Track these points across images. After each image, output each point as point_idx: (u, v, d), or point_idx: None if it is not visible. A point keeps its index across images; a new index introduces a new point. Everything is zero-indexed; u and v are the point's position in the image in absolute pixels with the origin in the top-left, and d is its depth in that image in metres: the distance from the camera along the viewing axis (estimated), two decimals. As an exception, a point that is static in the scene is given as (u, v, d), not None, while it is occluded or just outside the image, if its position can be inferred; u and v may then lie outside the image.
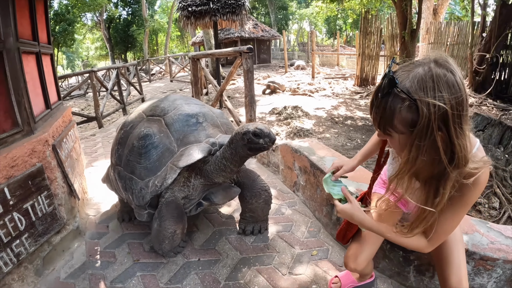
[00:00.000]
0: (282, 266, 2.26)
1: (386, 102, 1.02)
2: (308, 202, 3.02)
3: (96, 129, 7.66)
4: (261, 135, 1.97)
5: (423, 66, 0.99)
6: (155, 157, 2.28)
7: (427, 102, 0.94)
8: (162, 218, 2.22)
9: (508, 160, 4.16)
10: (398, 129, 1.04)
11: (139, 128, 2.42)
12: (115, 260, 2.38)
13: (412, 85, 0.97)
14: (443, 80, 0.95)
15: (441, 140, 0.98)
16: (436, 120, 0.95)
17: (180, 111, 2.47)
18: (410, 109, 0.98)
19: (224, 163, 2.20)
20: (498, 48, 8.98)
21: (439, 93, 0.95)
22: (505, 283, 1.84)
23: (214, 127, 2.52)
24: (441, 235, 1.22)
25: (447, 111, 0.94)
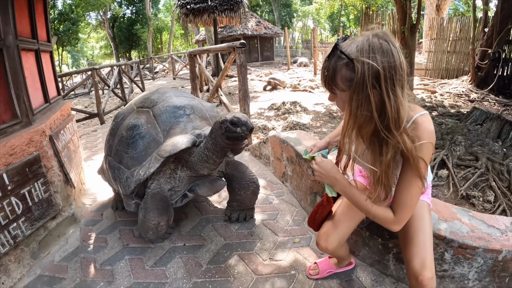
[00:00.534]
0: (264, 252, 2.38)
1: (330, 62, 1.21)
2: (295, 191, 3.15)
3: (98, 126, 7.83)
4: (238, 123, 2.01)
5: (364, 36, 1.18)
6: (142, 147, 2.34)
7: (362, 61, 1.12)
8: (146, 209, 2.28)
9: (506, 154, 4.23)
10: (340, 87, 1.22)
11: (129, 119, 2.50)
12: (106, 245, 2.53)
13: (352, 49, 1.15)
14: (377, 46, 1.13)
15: (375, 96, 1.15)
16: (369, 77, 1.12)
17: (168, 103, 2.53)
18: (347, 67, 1.16)
19: (206, 154, 2.25)
20: (500, 43, 8.99)
21: (373, 55, 1.12)
22: (487, 273, 1.81)
23: (202, 120, 2.56)
24: (403, 207, 1.30)
25: (379, 70, 1.11)
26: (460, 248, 1.78)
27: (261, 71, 17.30)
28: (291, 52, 22.26)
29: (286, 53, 19.98)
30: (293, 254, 2.35)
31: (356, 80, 1.14)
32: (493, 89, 9.00)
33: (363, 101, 1.16)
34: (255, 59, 25.26)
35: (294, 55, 28.73)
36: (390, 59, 1.12)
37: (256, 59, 25.40)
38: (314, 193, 2.72)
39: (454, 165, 4.15)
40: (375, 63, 1.11)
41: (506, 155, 4.19)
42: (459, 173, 4.01)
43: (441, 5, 16.15)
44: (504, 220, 1.92)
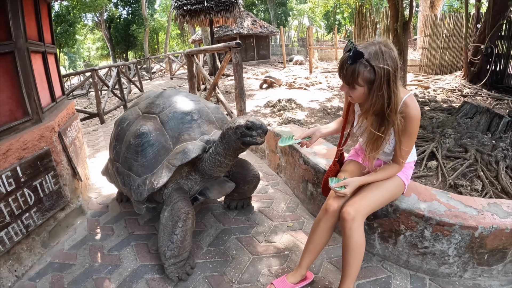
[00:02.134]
0: (260, 235, 2.59)
1: (354, 67, 1.59)
2: (289, 181, 3.35)
3: (98, 125, 7.99)
4: (253, 127, 2.00)
5: (375, 45, 1.59)
6: (151, 154, 2.34)
7: (380, 67, 1.55)
8: (173, 200, 2.24)
9: (494, 145, 4.31)
10: (360, 84, 1.63)
11: (135, 126, 2.48)
12: (112, 233, 2.71)
13: (370, 57, 1.56)
14: (387, 54, 1.57)
15: (386, 91, 1.59)
16: (384, 77, 1.57)
17: (175, 109, 2.52)
18: (369, 71, 1.58)
19: (218, 159, 2.24)
20: (493, 38, 9.05)
21: (386, 61, 1.56)
22: (466, 249, 1.97)
23: (209, 124, 2.55)
24: (403, 155, 1.81)
25: (390, 72, 1.56)
26: (438, 225, 1.96)
27: (257, 70, 17.44)
28: (287, 50, 22.43)
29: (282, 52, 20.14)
30: (287, 237, 2.55)
31: (378, 81, 1.57)
32: (486, 84, 9.12)
33: (380, 95, 1.60)
34: (251, 58, 25.37)
35: (290, 53, 28.84)
36: (395, 63, 1.60)
37: (252, 58, 25.52)
38: (305, 181, 2.92)
39: (443, 157, 4.29)
40: (388, 67, 1.56)
41: (495, 147, 4.27)
42: (448, 164, 4.15)
43: (435, 2, 16.33)
44: (481, 201, 2.09)
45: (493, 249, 1.97)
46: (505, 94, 8.47)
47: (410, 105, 1.70)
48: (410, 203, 2.07)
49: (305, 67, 18.02)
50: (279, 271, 2.20)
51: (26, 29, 2.60)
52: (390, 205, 2.10)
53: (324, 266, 2.24)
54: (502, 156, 4.04)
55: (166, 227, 2.16)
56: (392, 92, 1.60)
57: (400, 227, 2.10)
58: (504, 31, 9.20)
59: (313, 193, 2.82)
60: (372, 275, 2.14)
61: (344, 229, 1.76)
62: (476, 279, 2.06)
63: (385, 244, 2.22)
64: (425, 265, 2.11)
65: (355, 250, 1.75)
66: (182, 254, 2.16)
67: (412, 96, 1.73)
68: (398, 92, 1.62)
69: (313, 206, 2.84)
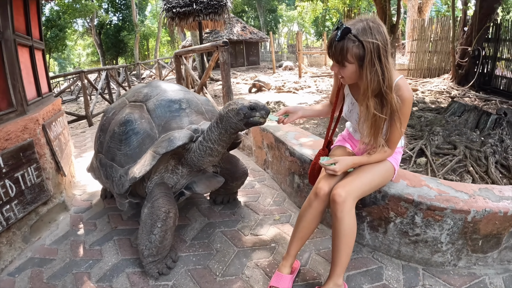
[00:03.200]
0: (245, 229, 2.54)
1: (343, 44, 1.56)
2: (276, 176, 3.32)
3: (86, 128, 7.90)
4: (256, 108, 1.93)
5: (362, 22, 1.56)
6: (136, 143, 2.23)
7: (368, 41, 1.53)
8: (154, 197, 2.11)
9: (483, 142, 4.35)
10: (350, 60, 1.59)
11: (121, 114, 2.38)
12: (95, 229, 2.64)
13: (358, 32, 1.54)
14: (375, 29, 1.54)
15: (380, 66, 1.56)
16: (374, 52, 1.54)
17: (163, 97, 2.41)
18: (358, 47, 1.55)
19: (210, 147, 2.12)
20: (480, 41, 9.22)
21: (374, 36, 1.53)
22: (459, 235, 1.92)
23: (198, 114, 2.45)
24: (395, 138, 1.79)
25: (379, 45, 1.53)
26: (429, 210, 1.91)
27: (247, 75, 17.51)
28: (276, 57, 22.60)
29: (271, 58, 20.26)
30: (273, 230, 2.51)
31: (367, 56, 1.55)
32: (474, 85, 9.26)
33: (374, 71, 1.57)
34: (241, 63, 25.48)
35: (279, 59, 29.04)
36: (384, 37, 1.56)
37: (242, 64, 25.64)
38: (292, 173, 2.89)
39: (432, 154, 4.31)
40: (377, 41, 1.53)
41: (483, 143, 4.31)
42: (437, 160, 4.17)
43: (423, 7, 16.61)
44: (472, 187, 2.06)
45: (487, 235, 1.92)
46: (492, 95, 8.61)
47: (403, 87, 1.68)
48: (399, 189, 2.03)
49: (294, 72, 18.15)
50: (265, 263, 2.15)
51: (14, 22, 2.57)
52: (379, 191, 2.06)
53: (312, 258, 2.20)
54: (491, 152, 4.08)
55: (145, 225, 2.06)
56: (385, 67, 1.57)
57: (389, 214, 2.06)
58: (491, 33, 9.38)
59: (300, 185, 2.78)
60: (363, 266, 2.10)
61: (335, 212, 1.71)
62: (471, 267, 2.02)
63: (375, 233, 2.18)
64: (417, 254, 2.06)
65: (347, 235, 1.70)
66: (161, 253, 2.09)
67: (403, 78, 1.72)
68: (390, 67, 1.60)
69: (300, 199, 2.81)
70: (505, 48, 9.26)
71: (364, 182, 1.80)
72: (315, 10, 15.57)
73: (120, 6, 35.85)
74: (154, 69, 21.95)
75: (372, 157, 1.84)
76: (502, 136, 4.45)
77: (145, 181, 2.30)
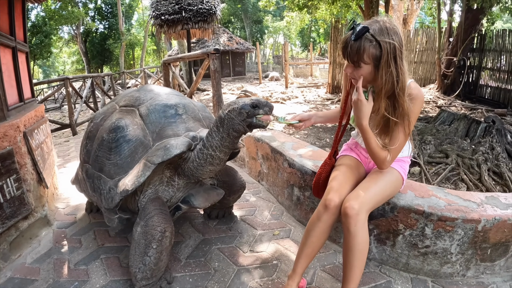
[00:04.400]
0: (244, 245, 2.38)
1: (360, 43, 1.51)
2: (272, 188, 3.18)
3: (70, 137, 7.65)
4: (259, 105, 1.76)
5: (378, 22, 1.54)
6: (127, 152, 2.04)
7: (385, 41, 1.50)
8: (148, 214, 1.91)
9: (474, 150, 4.39)
10: (366, 61, 1.55)
11: (110, 120, 2.20)
12: (80, 246, 2.44)
13: (375, 32, 1.50)
14: (392, 30, 1.52)
15: (394, 67, 1.52)
16: (391, 53, 1.51)
17: (157, 101, 2.23)
18: (375, 47, 1.51)
19: (211, 154, 1.93)
20: (465, 51, 9.42)
21: (391, 36, 1.50)
22: (469, 245, 1.89)
23: (195, 121, 2.28)
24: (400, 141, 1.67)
25: (396, 46, 1.51)
26: (440, 221, 1.86)
27: (233, 85, 17.46)
28: (262, 67, 22.73)
29: (257, 69, 20.32)
30: (273, 246, 2.36)
31: (384, 56, 1.51)
32: (460, 95, 9.42)
33: (390, 72, 1.53)
34: (227, 74, 25.48)
35: (265, 70, 29.22)
36: (400, 38, 1.54)
37: (228, 74, 25.66)
38: (291, 186, 2.75)
39: (425, 163, 4.30)
40: (394, 42, 1.51)
41: (475, 151, 4.37)
42: (431, 169, 4.15)
43: (408, 18, 16.87)
44: (479, 195, 2.03)
45: (496, 243, 1.90)
46: (478, 104, 8.80)
47: (414, 87, 1.64)
48: (408, 200, 1.95)
49: (280, 83, 18.24)
50: (269, 282, 2.00)
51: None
52: (387, 203, 1.97)
53: (317, 274, 2.06)
54: (483, 159, 4.14)
55: (139, 245, 1.87)
56: (400, 69, 1.54)
57: (398, 226, 1.98)
58: (476, 43, 9.58)
59: (299, 198, 2.65)
60: (371, 281, 1.98)
61: (348, 227, 1.59)
62: (479, 277, 1.98)
63: (382, 247, 2.08)
64: (426, 266, 1.99)
65: (361, 251, 1.59)
66: (156, 275, 1.90)
67: (414, 82, 1.68)
68: (404, 69, 1.56)
69: (300, 212, 2.67)
70: (489, 58, 9.50)
71: (377, 193, 1.71)
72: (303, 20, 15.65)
73: (106, 14, 35.51)
74: (139, 78, 21.74)
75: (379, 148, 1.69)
76: (492, 143, 4.52)
77: (137, 194, 2.11)
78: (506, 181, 3.84)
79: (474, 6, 8.55)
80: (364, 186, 1.72)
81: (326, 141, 5.53)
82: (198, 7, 10.72)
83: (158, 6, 10.92)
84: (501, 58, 9.09)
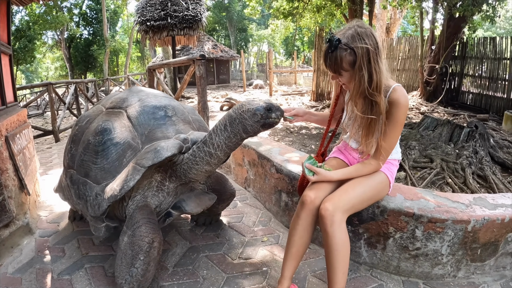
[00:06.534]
0: (232, 252, 2.34)
1: (336, 54, 1.59)
2: (259, 194, 3.15)
3: (53, 143, 7.49)
4: (272, 109, 1.77)
5: (351, 29, 1.60)
6: (115, 155, 1.97)
7: (359, 47, 1.55)
8: (136, 224, 1.82)
9: (458, 154, 4.45)
10: (345, 68, 1.62)
11: (97, 122, 2.12)
12: (63, 255, 2.36)
13: (348, 40, 1.57)
14: (364, 34, 1.57)
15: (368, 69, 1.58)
16: (364, 57, 1.56)
17: (146, 103, 2.16)
18: (350, 54, 1.57)
19: (210, 152, 1.86)
20: (447, 58, 9.57)
21: (364, 40, 1.55)
22: (460, 246, 1.91)
23: (185, 123, 2.22)
24: (386, 149, 1.72)
25: (369, 49, 1.55)
26: (430, 222, 1.88)
27: (217, 93, 17.49)
28: (246, 75, 22.87)
29: (241, 77, 20.38)
30: (262, 252, 2.33)
31: (358, 61, 1.56)
32: (442, 101, 9.56)
33: (363, 74, 1.58)
34: (211, 82, 25.49)
35: (249, 78, 29.36)
36: (373, 40, 1.58)
37: (212, 82, 25.67)
38: (279, 191, 2.73)
39: (410, 167, 4.33)
40: (367, 45, 1.55)
41: (459, 155, 4.43)
42: (416, 174, 4.19)
43: (391, 27, 17.20)
44: (467, 197, 2.07)
45: (485, 243, 1.93)
46: (460, 110, 8.96)
47: (399, 92, 1.66)
48: (398, 202, 1.96)
49: (265, 90, 18.35)
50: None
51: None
52: (377, 206, 1.98)
53: (308, 280, 2.04)
54: (467, 163, 4.20)
55: (125, 255, 1.80)
56: (373, 70, 1.58)
57: (389, 229, 1.98)
58: (458, 51, 9.78)
59: (287, 203, 2.63)
60: (362, 285, 1.97)
61: (325, 227, 1.61)
62: (470, 277, 2.01)
63: (373, 250, 2.08)
64: (417, 269, 1.99)
65: (340, 251, 1.59)
66: (143, 287, 1.83)
67: (401, 86, 1.71)
68: (380, 70, 1.60)
69: (288, 218, 2.64)
70: (471, 65, 9.73)
71: (354, 195, 1.72)
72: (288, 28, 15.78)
73: (91, 20, 35.25)
74: (123, 85, 21.51)
75: (356, 171, 1.79)
76: (476, 147, 4.58)
77: (125, 200, 2.04)
78: (490, 184, 3.89)
79: (456, 15, 8.72)
80: (343, 188, 1.74)
81: (311, 147, 5.53)
82: (184, 14, 10.68)
83: (143, 12, 10.82)
84: (482, 65, 9.29)
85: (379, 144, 1.71)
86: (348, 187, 1.74)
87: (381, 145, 1.70)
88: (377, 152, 1.74)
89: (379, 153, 1.73)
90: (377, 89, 1.60)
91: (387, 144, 1.71)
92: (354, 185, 1.75)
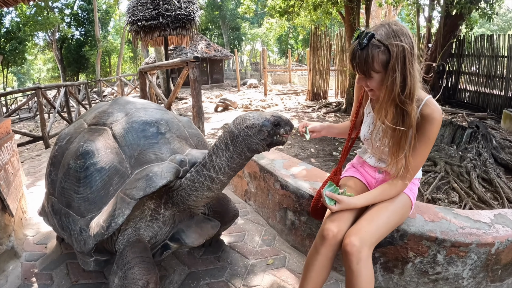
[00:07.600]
0: (236, 279, 2.15)
1: (367, 51, 1.38)
2: (261, 209, 2.95)
3: (43, 150, 7.24)
4: (281, 123, 1.51)
5: (384, 26, 1.40)
6: (100, 183, 1.74)
7: (394, 44, 1.36)
8: (127, 264, 1.61)
9: (462, 156, 4.36)
10: (376, 69, 1.41)
11: (77, 142, 1.88)
12: (52, 283, 2.17)
13: (381, 37, 1.37)
14: (399, 31, 1.38)
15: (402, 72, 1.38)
16: (400, 54, 1.36)
17: (135, 118, 1.90)
18: (383, 52, 1.37)
19: (212, 176, 1.62)
20: (444, 56, 9.54)
21: (399, 38, 1.37)
22: (481, 269, 1.79)
23: (181, 140, 1.96)
24: (415, 167, 1.54)
25: (405, 48, 1.36)
26: (453, 247, 1.74)
27: (211, 93, 17.30)
28: (240, 74, 22.67)
29: (235, 76, 20.21)
30: (269, 278, 2.14)
31: (392, 61, 1.37)
32: (439, 99, 9.49)
33: (396, 77, 1.38)
34: (204, 81, 25.30)
35: (243, 77, 29.14)
36: (410, 39, 1.40)
37: (206, 82, 25.50)
38: (284, 209, 2.53)
39: (414, 171, 4.22)
40: (403, 43, 1.36)
41: (462, 158, 4.36)
42: (421, 178, 4.07)
43: (387, 24, 17.09)
44: (487, 214, 1.94)
45: (506, 263, 1.82)
46: (458, 108, 8.97)
47: (433, 106, 1.49)
48: (419, 226, 1.80)
49: (259, 90, 18.24)
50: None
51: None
52: (397, 230, 1.81)
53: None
54: (472, 166, 4.11)
55: None
56: (408, 73, 1.39)
57: (408, 254, 1.82)
58: (454, 49, 9.72)
59: (294, 222, 2.43)
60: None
61: (350, 265, 1.42)
62: None
63: (389, 275, 1.92)
64: (436, 292, 1.84)
65: None
66: None
67: (432, 98, 1.53)
68: (415, 74, 1.41)
69: (294, 237, 2.45)
70: (468, 62, 9.69)
71: (380, 225, 1.53)
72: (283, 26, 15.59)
73: (83, 21, 34.76)
74: (116, 87, 21.29)
75: (385, 193, 1.59)
76: (479, 149, 4.50)
77: (115, 234, 1.82)
78: (496, 188, 3.81)
79: (453, 12, 8.65)
80: (368, 218, 1.56)
81: (310, 151, 5.38)
82: (176, 13, 10.44)
83: (134, 12, 10.55)
84: (479, 62, 9.23)
85: (406, 162, 1.52)
86: (373, 216, 1.56)
87: (409, 162, 1.51)
88: (404, 171, 1.53)
89: (406, 171, 1.53)
90: (410, 96, 1.41)
91: (416, 163, 1.54)
92: (379, 212, 1.57)
